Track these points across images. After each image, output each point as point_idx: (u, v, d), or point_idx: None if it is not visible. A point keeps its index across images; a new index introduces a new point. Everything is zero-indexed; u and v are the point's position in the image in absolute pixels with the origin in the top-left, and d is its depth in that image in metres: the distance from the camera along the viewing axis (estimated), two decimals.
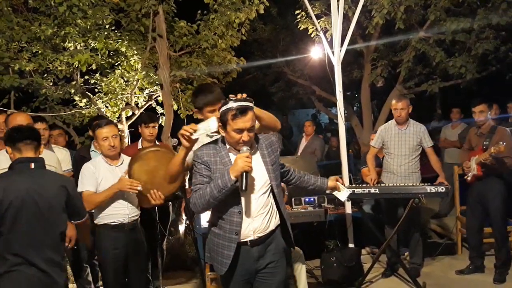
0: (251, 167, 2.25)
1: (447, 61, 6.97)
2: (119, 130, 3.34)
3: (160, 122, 5.35)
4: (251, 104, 2.36)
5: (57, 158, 3.48)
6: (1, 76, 4.96)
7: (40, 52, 5.05)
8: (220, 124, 2.37)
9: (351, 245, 4.89)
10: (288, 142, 10.81)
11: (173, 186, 3.13)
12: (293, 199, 4.72)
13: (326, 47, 5.13)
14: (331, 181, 2.92)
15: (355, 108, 13.18)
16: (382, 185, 4.21)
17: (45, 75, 5.43)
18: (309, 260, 4.79)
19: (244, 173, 2.23)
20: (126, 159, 3.35)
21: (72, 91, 5.45)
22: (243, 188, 2.24)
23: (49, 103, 5.57)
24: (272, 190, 2.48)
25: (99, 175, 3.15)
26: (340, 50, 4.99)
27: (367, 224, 4.76)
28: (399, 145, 4.40)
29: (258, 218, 2.43)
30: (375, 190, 3.94)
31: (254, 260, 2.46)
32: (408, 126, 4.41)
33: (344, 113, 10.04)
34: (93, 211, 3.25)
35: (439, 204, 6.49)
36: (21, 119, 3.15)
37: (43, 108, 5.58)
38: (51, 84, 5.49)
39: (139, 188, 3.06)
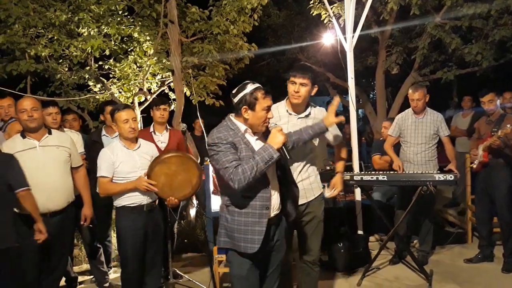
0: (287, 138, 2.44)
1: (463, 48, 6.83)
2: None
3: (172, 107, 5.41)
4: None
5: (71, 140, 3.55)
6: (17, 61, 5.07)
7: (56, 37, 5.14)
8: (246, 107, 2.42)
9: (360, 232, 4.92)
10: None
11: (189, 192, 3.38)
12: None
13: (339, 33, 5.09)
14: (327, 120, 2.82)
15: (371, 95, 13.05)
16: (391, 172, 4.20)
17: (61, 60, 5.53)
18: None
19: (283, 144, 2.41)
20: (143, 143, 3.42)
21: (86, 76, 5.54)
22: (288, 157, 2.44)
23: (64, 88, 5.67)
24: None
25: (117, 159, 3.23)
26: (353, 36, 4.94)
27: (376, 211, 4.77)
28: (416, 134, 4.37)
29: (275, 195, 2.55)
30: (383, 178, 3.93)
31: (270, 240, 2.55)
32: (425, 115, 4.37)
33: (358, 101, 10.00)
34: None
35: (452, 192, 6.44)
36: (27, 103, 3.22)
37: (58, 93, 5.68)
38: (66, 69, 5.59)
39: (155, 189, 3.21)
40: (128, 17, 5.17)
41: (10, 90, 4.88)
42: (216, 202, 4.25)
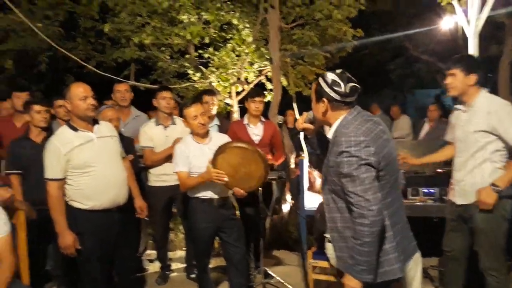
0: None
1: None
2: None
3: (268, 98, 5.21)
4: None
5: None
6: (123, 48, 5.25)
7: (158, 26, 5.22)
8: None
9: None
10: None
11: (254, 184, 3.22)
12: (409, 189, 4.22)
13: (460, 16, 4.45)
14: None
15: (489, 90, 11.71)
16: None
17: (163, 48, 5.62)
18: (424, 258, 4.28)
19: None
20: (215, 136, 3.37)
21: (186, 64, 5.56)
22: None
23: (165, 76, 5.77)
24: None
25: (190, 153, 3.23)
26: (478, 19, 4.28)
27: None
28: None
29: None
30: None
31: None
32: None
33: None
34: None
35: None
36: (84, 89, 2.86)
37: (159, 81, 5.80)
38: (168, 57, 5.68)
39: (226, 179, 3.10)
40: (228, 2, 5.06)
41: (114, 77, 5.06)
42: (310, 200, 3.99)
